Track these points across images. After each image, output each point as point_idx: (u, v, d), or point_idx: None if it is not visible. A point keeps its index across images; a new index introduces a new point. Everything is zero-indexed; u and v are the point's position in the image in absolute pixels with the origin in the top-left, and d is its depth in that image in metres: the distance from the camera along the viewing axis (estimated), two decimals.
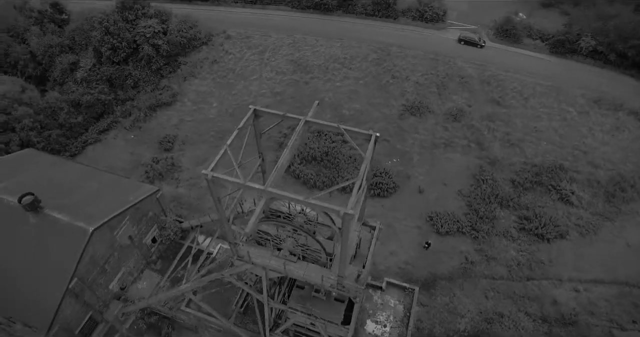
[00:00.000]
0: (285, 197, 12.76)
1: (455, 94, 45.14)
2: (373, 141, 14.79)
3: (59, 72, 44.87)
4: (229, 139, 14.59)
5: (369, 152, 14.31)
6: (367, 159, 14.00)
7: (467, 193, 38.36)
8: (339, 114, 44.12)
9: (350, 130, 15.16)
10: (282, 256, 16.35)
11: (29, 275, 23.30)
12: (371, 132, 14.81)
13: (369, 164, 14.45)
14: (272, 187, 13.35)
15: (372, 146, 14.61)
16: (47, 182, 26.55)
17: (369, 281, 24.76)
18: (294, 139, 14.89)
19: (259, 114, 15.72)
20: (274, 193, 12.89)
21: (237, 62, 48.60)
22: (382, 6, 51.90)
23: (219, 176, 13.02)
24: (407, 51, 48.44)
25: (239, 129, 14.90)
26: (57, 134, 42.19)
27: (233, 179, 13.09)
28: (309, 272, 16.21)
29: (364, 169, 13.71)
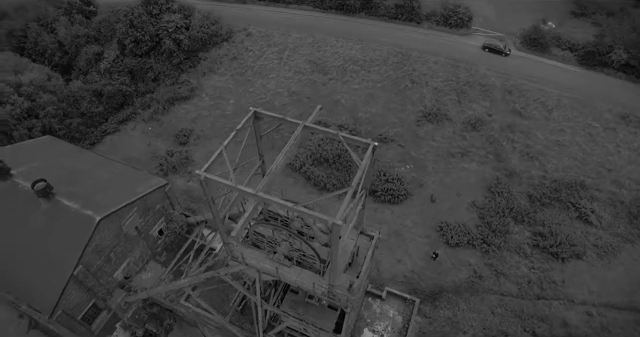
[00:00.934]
0: (275, 202, 12.52)
1: (475, 102, 43.97)
2: (371, 151, 14.33)
3: (84, 62, 46.06)
4: (225, 140, 14.45)
5: (364, 161, 13.87)
6: (362, 169, 13.56)
7: (481, 205, 37.27)
8: (354, 117, 43.66)
9: (349, 138, 14.75)
10: (276, 260, 16.12)
11: (37, 259, 23.84)
12: (370, 141, 14.36)
13: (365, 173, 13.96)
14: (264, 191, 13.10)
15: (370, 155, 14.16)
16: (61, 169, 27.17)
17: (369, 289, 24.25)
18: (290, 143, 14.60)
19: (259, 116, 15.52)
20: (263, 198, 12.64)
21: (256, 59, 48.76)
22: (406, 9, 51.08)
23: (211, 177, 12.91)
24: (428, 56, 47.48)
25: (237, 130, 14.75)
26: (78, 123, 43.29)
27: (224, 181, 12.94)
28: (302, 278, 15.92)
29: (358, 178, 13.28)
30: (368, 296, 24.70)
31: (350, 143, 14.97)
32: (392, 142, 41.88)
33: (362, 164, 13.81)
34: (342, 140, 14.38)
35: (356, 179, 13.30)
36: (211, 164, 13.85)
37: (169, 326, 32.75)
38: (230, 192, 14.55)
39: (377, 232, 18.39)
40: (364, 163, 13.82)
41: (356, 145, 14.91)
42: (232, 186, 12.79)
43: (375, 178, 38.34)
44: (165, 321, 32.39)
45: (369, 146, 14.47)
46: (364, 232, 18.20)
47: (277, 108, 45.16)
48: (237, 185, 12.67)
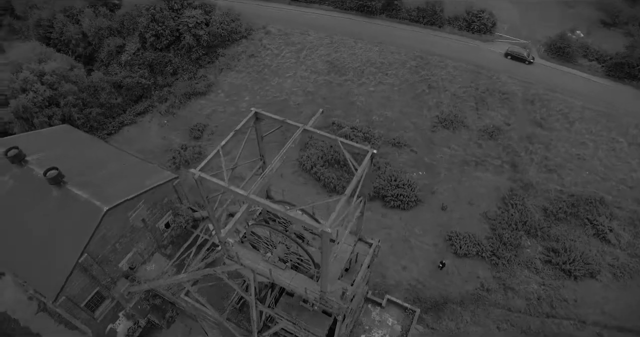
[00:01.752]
0: (266, 206, 12.33)
1: (494, 110, 42.83)
2: (369, 158, 13.92)
3: (106, 53, 47.03)
4: (223, 141, 14.35)
5: (361, 168, 13.46)
6: (357, 176, 13.17)
7: (493, 216, 36.26)
8: (368, 120, 43.16)
9: (348, 144, 14.38)
10: (270, 262, 15.93)
11: (45, 245, 24.35)
12: (369, 148, 13.95)
13: (362, 180, 13.57)
14: (257, 193, 12.90)
15: (367, 163, 13.75)
16: (75, 158, 27.70)
17: (369, 295, 23.82)
18: (287, 146, 14.35)
19: (260, 117, 15.34)
20: (254, 200, 12.46)
21: (273, 58, 48.79)
22: (428, 13, 50.19)
23: (205, 176, 12.83)
24: (448, 61, 46.54)
25: (236, 130, 14.62)
26: (96, 113, 44.21)
27: (218, 182, 12.83)
28: (295, 281, 15.69)
29: (353, 186, 12.92)
30: (368, 302, 24.29)
31: (349, 149, 14.58)
32: (405, 147, 41.21)
33: (359, 171, 13.43)
34: (340, 146, 14.02)
35: (351, 186, 12.96)
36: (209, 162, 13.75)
37: (171, 318, 33.10)
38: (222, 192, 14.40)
39: (377, 240, 17.94)
40: (360, 171, 13.43)
41: (355, 152, 14.48)
42: (225, 187, 12.68)
43: (385, 183, 37.81)
44: (167, 313, 32.75)
45: (367, 153, 14.03)
46: (362, 239, 17.81)
47: (292, 107, 45.09)
48: (230, 186, 12.56)
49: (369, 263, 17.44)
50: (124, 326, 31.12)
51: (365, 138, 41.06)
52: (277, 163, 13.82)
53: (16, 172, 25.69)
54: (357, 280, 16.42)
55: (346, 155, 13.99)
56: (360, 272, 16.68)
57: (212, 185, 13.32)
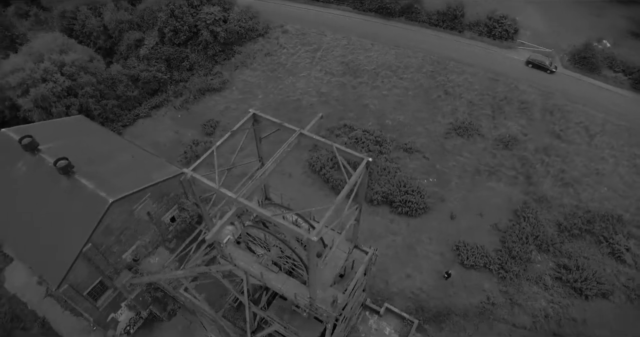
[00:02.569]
0: (253, 209, 12.14)
1: (511, 119, 41.69)
2: (363, 166, 13.47)
3: (125, 47, 47.79)
4: (219, 141, 14.18)
5: (354, 176, 13.04)
6: (349, 184, 12.78)
7: (504, 228, 35.24)
8: (381, 123, 42.61)
9: (343, 151, 13.98)
10: (263, 264, 15.72)
11: (52, 233, 24.78)
12: (364, 156, 13.51)
13: (357, 187, 13.14)
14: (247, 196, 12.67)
15: (362, 171, 13.31)
16: (86, 149, 28.10)
17: (367, 302, 23.38)
18: (282, 150, 14.05)
19: (259, 119, 15.12)
20: (243, 204, 12.25)
21: (289, 57, 48.70)
22: (449, 17, 49.26)
23: (197, 176, 12.70)
24: (466, 67, 45.55)
25: (233, 131, 14.43)
26: (113, 105, 44.94)
27: (208, 182, 12.68)
28: (287, 286, 15.44)
29: (344, 193, 12.54)
30: (366, 310, 23.84)
31: (345, 156, 14.19)
32: (416, 153, 40.49)
33: (352, 179, 13.03)
34: (335, 153, 13.65)
35: (342, 193, 12.59)
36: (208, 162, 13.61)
37: (172, 311, 33.29)
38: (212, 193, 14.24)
39: (373, 248, 17.49)
40: (354, 178, 13.03)
41: (351, 158, 14.07)
42: (216, 188, 12.54)
43: (394, 188, 37.22)
44: (169, 306, 32.97)
45: (362, 161, 13.58)
46: (358, 247, 17.43)
47: (305, 107, 44.89)
48: (220, 188, 12.42)
49: (363, 272, 17.01)
50: (125, 316, 31.44)
51: (377, 142, 40.54)
52: (271, 166, 13.57)
53: (29, 159, 26.23)
54: (350, 288, 16.04)
55: (341, 161, 13.58)
56: (352, 281, 16.30)
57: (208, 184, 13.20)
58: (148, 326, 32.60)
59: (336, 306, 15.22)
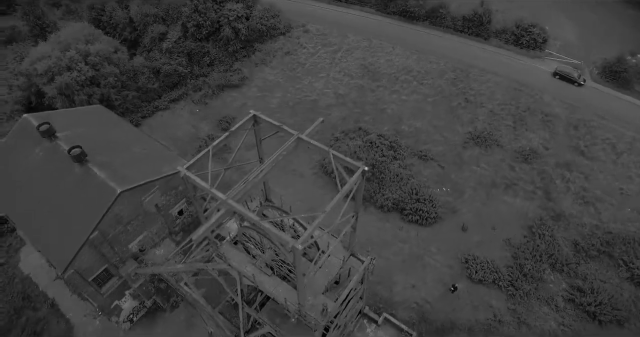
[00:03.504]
0: (240, 212, 11.94)
1: (533, 132, 40.26)
2: (359, 175, 12.98)
3: (149, 40, 48.63)
4: (215, 141, 14.03)
5: (348, 184, 12.59)
6: (342, 192, 12.35)
7: (517, 244, 34.02)
8: (397, 129, 41.88)
9: (339, 158, 13.53)
10: (257, 266, 15.49)
11: (62, 218, 25.25)
12: (360, 164, 13.02)
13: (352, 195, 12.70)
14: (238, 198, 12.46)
15: (356, 179, 12.83)
16: (101, 138, 28.57)
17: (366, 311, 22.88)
18: (278, 153, 13.76)
19: (259, 120, 14.90)
20: (232, 206, 12.03)
21: (309, 57, 48.50)
22: (474, 23, 48.02)
23: (190, 175, 12.58)
24: (489, 76, 44.28)
25: (231, 131, 14.25)
26: (133, 96, 45.77)
27: (200, 182, 12.53)
28: (278, 290, 15.17)
29: (335, 202, 12.13)
30: (364, 318, 23.32)
31: (342, 163, 13.75)
32: (431, 161, 39.60)
33: (345, 188, 12.59)
34: (331, 159, 13.25)
35: (333, 201, 12.21)
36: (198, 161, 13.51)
37: (175, 302, 33.59)
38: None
39: (370, 258, 16.99)
40: (347, 187, 12.59)
41: (347, 166, 13.62)
42: (207, 188, 12.40)
43: (405, 196, 36.49)
44: (172, 297, 33.27)
45: (358, 169, 13.10)
46: (354, 255, 16.98)
47: (321, 108, 44.61)
48: (212, 188, 12.27)
49: (357, 281, 16.54)
50: (129, 304, 31.86)
51: (391, 147, 39.87)
52: (265, 169, 13.31)
53: (46, 146, 26.83)
54: (341, 297, 15.62)
55: (335, 168, 13.17)
56: (345, 290, 15.88)
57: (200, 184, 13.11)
58: (151, 316, 33.00)
59: (326, 314, 14.85)
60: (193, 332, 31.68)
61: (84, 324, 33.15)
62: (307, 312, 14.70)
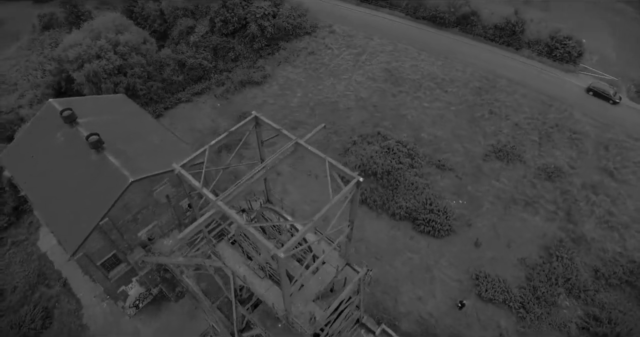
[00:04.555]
0: (230, 215, 11.75)
1: (559, 149, 38.53)
2: (353, 185, 12.46)
3: (177, 32, 49.46)
4: (213, 141, 13.87)
5: (340, 194, 12.11)
6: (332, 202, 11.88)
7: (532, 265, 32.61)
8: (416, 136, 40.96)
9: (335, 166, 13.05)
10: (251, 267, 15.29)
11: (76, 202, 25.85)
12: (355, 175, 12.48)
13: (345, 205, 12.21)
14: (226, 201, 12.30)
15: (350, 190, 12.32)
16: (120, 127, 29.09)
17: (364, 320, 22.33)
18: (274, 157, 13.44)
19: (261, 122, 14.66)
20: (220, 208, 11.86)
21: (332, 58, 48.13)
22: (506, 32, 46.41)
23: (184, 173, 12.47)
24: (517, 87, 42.69)
25: (230, 132, 14.04)
26: (158, 87, 46.65)
27: (193, 181, 12.39)
28: (269, 293, 14.91)
29: (324, 211, 11.69)
30: (362, 327, 22.77)
31: (337, 172, 13.28)
32: (449, 171, 38.51)
33: (336, 198, 12.12)
34: (327, 167, 12.82)
35: (322, 212, 11.80)
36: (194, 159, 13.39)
37: (180, 293, 33.97)
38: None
39: (365, 268, 16.45)
40: (339, 196, 12.11)
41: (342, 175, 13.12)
42: (198, 188, 12.29)
43: (419, 205, 35.64)
44: (177, 287, 33.64)
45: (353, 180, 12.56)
46: (350, 265, 16.52)
47: (341, 110, 44.18)
48: (203, 188, 12.17)
49: (350, 292, 16.06)
50: (135, 291, 32.38)
51: (409, 154, 39.02)
52: (259, 173, 13.10)
53: (67, 131, 27.52)
54: (332, 307, 15.20)
55: (329, 177, 12.71)
56: (336, 301, 15.46)
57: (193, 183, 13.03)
58: (156, 304, 33.51)
59: (314, 323, 14.49)
60: (196, 323, 31.95)
61: (93, 305, 34.04)
62: (295, 319, 14.41)
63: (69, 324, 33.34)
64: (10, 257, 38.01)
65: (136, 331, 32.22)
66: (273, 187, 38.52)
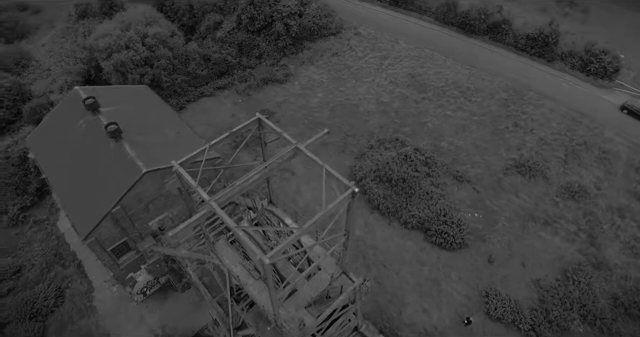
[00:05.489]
0: (221, 216, 11.68)
1: (585, 168, 36.80)
2: (348, 195, 12.03)
3: (205, 27, 50.16)
4: (214, 140, 13.76)
5: (331, 205, 11.70)
6: (325, 210, 11.50)
7: (546, 287, 31.25)
8: (435, 145, 40.03)
9: (332, 174, 12.67)
10: (247, 267, 15.17)
11: (92, 189, 26.50)
12: (351, 185, 12.04)
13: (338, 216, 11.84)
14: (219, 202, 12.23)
15: (344, 200, 11.90)
16: (139, 118, 29.62)
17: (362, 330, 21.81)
18: (272, 161, 13.21)
19: (264, 124, 14.48)
20: (212, 208, 11.72)
21: (356, 60, 47.66)
22: (539, 43, 44.70)
23: (182, 171, 12.43)
24: (546, 101, 41.05)
25: (232, 132, 13.90)
26: (182, 80, 47.46)
27: (189, 179, 12.33)
28: (262, 295, 14.77)
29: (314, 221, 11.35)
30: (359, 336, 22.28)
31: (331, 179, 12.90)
32: (467, 183, 37.43)
33: (329, 206, 11.75)
34: (323, 174, 12.47)
35: (313, 220, 11.46)
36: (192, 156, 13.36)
37: (187, 284, 34.38)
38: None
39: (362, 279, 16.01)
40: (330, 206, 11.73)
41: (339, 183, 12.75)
42: (193, 186, 12.27)
43: (433, 215, 34.77)
44: (184, 278, 34.06)
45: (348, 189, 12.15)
46: (346, 274, 16.16)
47: (361, 113, 43.71)
48: (197, 187, 12.14)
49: (343, 302, 15.68)
50: (143, 278, 32.95)
51: (426, 163, 38.16)
52: (255, 176, 12.95)
53: (89, 119, 28.22)
54: (323, 315, 14.90)
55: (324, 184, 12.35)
56: (328, 309, 15.15)
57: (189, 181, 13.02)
58: (163, 293, 34.04)
59: (303, 329, 14.28)
60: (200, 314, 32.24)
61: (103, 288, 34.91)
62: (284, 323, 14.26)
63: (80, 304, 34.32)
64: (31, 235, 39.50)
65: (142, 317, 32.82)
66: (287, 187, 38.45)
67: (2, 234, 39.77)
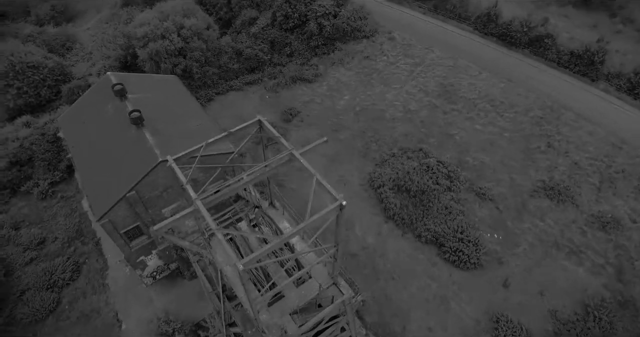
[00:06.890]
0: (204, 216, 11.63)
1: (621, 198, 34.32)
2: (335, 207, 11.41)
3: (240, 22, 50.73)
4: (211, 139, 13.53)
5: (316, 216, 11.16)
6: (307, 222, 10.98)
7: (564, 320, 29.34)
8: (460, 159, 38.56)
9: (323, 185, 12.09)
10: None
11: (111, 172, 27.24)
12: (340, 197, 11.39)
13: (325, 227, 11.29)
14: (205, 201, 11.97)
15: (330, 212, 11.30)
16: (164, 107, 30.16)
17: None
18: (265, 164, 12.83)
19: (264, 126, 14.13)
20: (198, 208, 11.79)
21: (387, 65, 46.73)
22: (583, 61, 42.13)
23: (175, 167, 12.31)
24: (584, 122, 38.62)
25: (230, 132, 13.61)
26: (213, 72, 48.21)
27: (180, 175, 12.15)
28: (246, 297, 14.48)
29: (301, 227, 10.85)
30: None
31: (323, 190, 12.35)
32: (489, 202, 35.79)
33: (313, 218, 11.20)
34: (314, 183, 11.95)
35: (296, 229, 11.00)
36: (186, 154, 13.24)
37: (194, 272, 34.83)
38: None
39: (351, 291, 15.39)
40: (315, 217, 11.17)
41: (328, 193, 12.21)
42: (183, 183, 12.06)
43: (449, 231, 33.50)
44: (192, 268, 34.49)
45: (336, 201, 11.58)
46: (336, 285, 15.60)
47: (387, 120, 42.81)
48: (187, 184, 11.96)
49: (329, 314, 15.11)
50: (154, 262, 33.62)
51: (449, 177, 36.83)
52: (246, 179, 12.65)
53: (117, 104, 29.04)
54: (308, 325, 14.41)
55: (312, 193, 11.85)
56: (314, 318, 14.65)
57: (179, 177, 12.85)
58: (172, 279, 34.65)
59: (284, 336, 13.89)
60: (204, 304, 32.54)
61: (117, 268, 35.97)
62: (265, 328, 13.97)
63: (93, 281, 35.53)
64: (57, 209, 41.32)
65: (150, 299, 33.54)
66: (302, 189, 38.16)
67: (33, 206, 41.82)
